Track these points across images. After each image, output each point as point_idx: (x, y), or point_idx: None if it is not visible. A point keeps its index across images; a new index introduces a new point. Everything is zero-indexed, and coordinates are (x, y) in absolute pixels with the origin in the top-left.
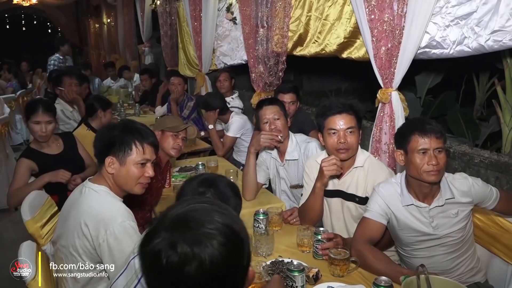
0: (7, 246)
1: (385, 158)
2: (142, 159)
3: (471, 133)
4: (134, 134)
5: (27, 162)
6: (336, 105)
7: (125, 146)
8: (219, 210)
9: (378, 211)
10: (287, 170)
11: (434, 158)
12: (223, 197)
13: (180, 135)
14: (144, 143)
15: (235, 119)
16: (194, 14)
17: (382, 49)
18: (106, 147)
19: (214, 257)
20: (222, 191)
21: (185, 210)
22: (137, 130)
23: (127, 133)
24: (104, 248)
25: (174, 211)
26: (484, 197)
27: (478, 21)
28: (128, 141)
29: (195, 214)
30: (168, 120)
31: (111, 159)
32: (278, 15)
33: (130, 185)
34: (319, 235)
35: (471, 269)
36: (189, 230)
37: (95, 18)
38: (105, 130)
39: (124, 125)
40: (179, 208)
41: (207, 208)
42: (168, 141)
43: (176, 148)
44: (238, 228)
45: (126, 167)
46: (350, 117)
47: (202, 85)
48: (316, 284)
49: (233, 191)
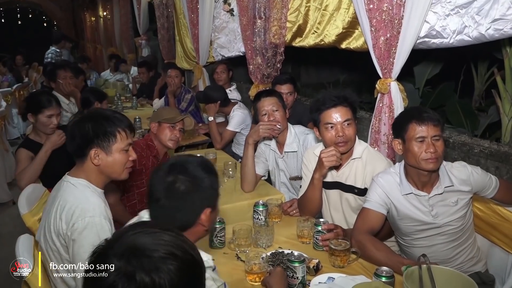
0: (6, 241)
1: (384, 149)
2: (126, 145)
3: (470, 123)
4: (115, 122)
5: (26, 152)
6: (330, 99)
7: (109, 135)
8: (165, 231)
9: (377, 201)
10: (286, 162)
11: (432, 145)
12: (195, 181)
13: (177, 127)
14: (125, 128)
15: (236, 112)
16: (191, 6)
17: (381, 39)
18: (88, 140)
19: (173, 281)
20: (193, 175)
21: (133, 238)
22: (114, 117)
23: (107, 122)
24: (69, 244)
25: (123, 240)
26: (483, 186)
27: (478, 9)
28: (112, 130)
29: (145, 240)
30: (165, 111)
31: (95, 150)
32: (276, 6)
33: (118, 172)
34: (319, 226)
35: (471, 258)
36: (144, 257)
37: (91, 11)
38: (80, 124)
39: (98, 114)
40: (127, 236)
41: (154, 231)
42: (165, 132)
43: (174, 140)
44: (187, 246)
45: (113, 155)
46: (346, 109)
47: (200, 78)
48: (317, 275)
49: (205, 170)
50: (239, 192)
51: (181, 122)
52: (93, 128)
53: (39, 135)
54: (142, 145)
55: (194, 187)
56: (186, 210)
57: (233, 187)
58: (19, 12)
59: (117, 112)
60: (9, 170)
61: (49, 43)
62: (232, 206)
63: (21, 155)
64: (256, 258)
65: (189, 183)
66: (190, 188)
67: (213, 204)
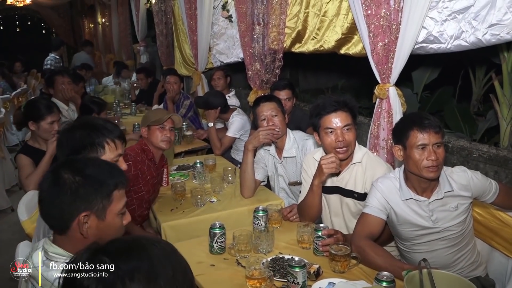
0: (4, 248)
1: (383, 154)
2: (116, 156)
3: (468, 128)
4: (103, 132)
5: (26, 158)
6: (330, 104)
7: (97, 146)
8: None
9: (377, 206)
10: (285, 167)
11: (433, 153)
12: (80, 177)
13: (166, 126)
14: (114, 139)
15: (236, 119)
16: (189, 12)
17: (379, 45)
18: (75, 150)
19: None
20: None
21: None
22: (103, 127)
23: (96, 133)
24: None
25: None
26: (483, 190)
27: (475, 15)
28: (100, 141)
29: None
30: (151, 114)
31: None
32: (275, 12)
33: None
34: (319, 232)
35: (471, 263)
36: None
37: (90, 18)
38: (68, 133)
39: (88, 124)
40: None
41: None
42: (156, 135)
43: (165, 140)
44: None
45: None
46: (346, 115)
47: (199, 84)
48: (317, 280)
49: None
50: (238, 197)
51: (170, 121)
52: (81, 139)
53: (38, 141)
54: (136, 150)
55: (74, 184)
56: (58, 207)
57: (233, 192)
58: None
59: (109, 122)
60: (7, 177)
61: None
62: (232, 212)
63: (23, 161)
64: (256, 263)
65: (71, 179)
66: (69, 184)
67: (95, 209)
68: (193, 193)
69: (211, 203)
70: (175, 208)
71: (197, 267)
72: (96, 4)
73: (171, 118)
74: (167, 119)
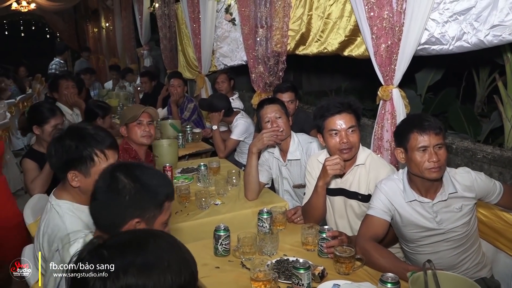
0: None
1: (387, 155)
2: (107, 166)
3: (472, 129)
4: (91, 143)
5: (31, 162)
6: (334, 105)
7: (86, 159)
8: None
9: (381, 208)
10: (289, 170)
11: (435, 154)
12: (137, 184)
13: (144, 121)
14: (104, 150)
15: (239, 121)
16: (192, 16)
17: (382, 46)
18: (64, 163)
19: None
20: (137, 178)
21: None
22: (92, 137)
23: (84, 145)
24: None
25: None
26: (487, 191)
27: (477, 16)
28: (88, 153)
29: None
30: (127, 111)
31: (73, 173)
32: (278, 15)
33: None
34: (324, 233)
35: (476, 264)
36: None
37: (94, 23)
38: (57, 144)
39: (76, 135)
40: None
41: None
42: (135, 131)
43: (145, 135)
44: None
45: (92, 177)
46: (350, 116)
47: (202, 87)
48: (322, 282)
49: (158, 179)
50: (243, 200)
51: (146, 115)
52: (68, 151)
53: (43, 145)
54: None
55: (133, 190)
56: (112, 210)
57: (237, 195)
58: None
59: (101, 130)
60: (12, 181)
61: (52, 54)
62: (236, 214)
63: (28, 165)
64: (261, 265)
65: (130, 184)
66: (128, 189)
67: (146, 217)
68: (198, 196)
69: (215, 206)
70: (180, 211)
71: (202, 269)
72: (99, 8)
73: (146, 112)
74: (141, 114)
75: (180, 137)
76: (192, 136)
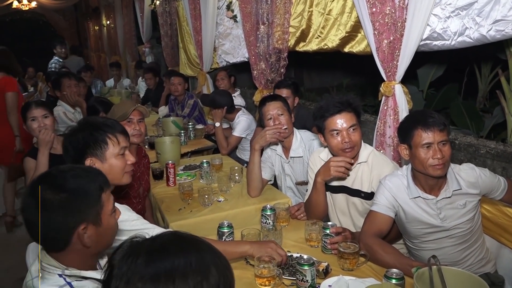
0: (14, 249)
1: (389, 151)
2: (120, 149)
3: (474, 124)
4: (104, 128)
5: (32, 161)
6: (333, 105)
7: (100, 143)
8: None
9: (385, 204)
10: (292, 167)
11: (439, 151)
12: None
13: (134, 119)
14: (116, 134)
15: (241, 118)
16: (194, 13)
17: (384, 42)
18: (80, 151)
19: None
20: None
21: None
22: (104, 124)
23: (97, 130)
24: None
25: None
26: (492, 188)
27: (479, 11)
28: (101, 137)
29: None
30: (116, 109)
31: (90, 160)
32: (279, 12)
33: (118, 178)
34: (328, 230)
35: (480, 260)
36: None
37: (95, 20)
38: (71, 135)
39: (89, 123)
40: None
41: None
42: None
43: (135, 134)
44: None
45: (108, 162)
46: (350, 115)
47: (204, 84)
48: (326, 278)
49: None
50: (245, 196)
51: (137, 112)
52: (83, 138)
53: None
54: None
55: (62, 202)
56: (53, 228)
57: (240, 192)
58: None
59: (109, 119)
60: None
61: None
62: (240, 211)
63: (28, 164)
64: (265, 262)
65: (56, 197)
66: (57, 202)
67: (90, 218)
68: (201, 193)
69: (218, 203)
70: (183, 207)
71: None
72: (100, 6)
73: (137, 109)
74: (131, 112)
75: (182, 134)
76: (195, 133)
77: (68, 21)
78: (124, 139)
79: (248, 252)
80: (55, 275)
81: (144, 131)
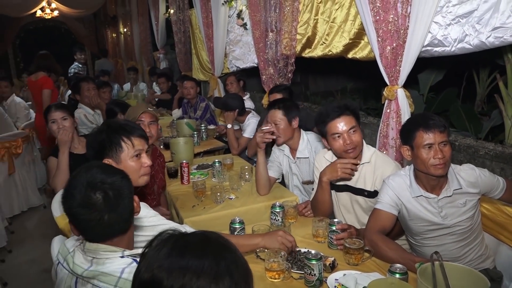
0: (38, 242)
1: (392, 152)
2: (135, 152)
3: (473, 127)
4: (119, 132)
5: (55, 160)
6: (333, 110)
7: (115, 145)
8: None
9: (389, 202)
10: (299, 166)
11: (440, 151)
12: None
13: (145, 122)
14: (131, 137)
15: (251, 120)
16: (206, 21)
17: (387, 49)
18: (98, 152)
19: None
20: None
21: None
22: (121, 127)
23: (113, 133)
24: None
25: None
26: (491, 187)
27: (479, 19)
28: (116, 140)
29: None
30: (130, 112)
31: (107, 160)
32: (287, 20)
33: (134, 179)
34: (334, 226)
35: (479, 256)
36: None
37: (113, 28)
38: (93, 136)
39: (108, 126)
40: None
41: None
42: None
43: (148, 136)
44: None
45: (123, 164)
46: (349, 118)
47: (215, 88)
48: (333, 272)
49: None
50: (255, 194)
51: (148, 115)
52: (100, 140)
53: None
54: None
55: (111, 193)
56: (121, 215)
57: (250, 190)
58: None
59: (129, 122)
60: (39, 176)
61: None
62: (250, 208)
63: (50, 164)
64: (275, 256)
65: (108, 192)
66: (110, 196)
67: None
68: (213, 191)
69: (230, 200)
70: (197, 204)
71: None
72: (118, 15)
73: (148, 112)
74: (140, 115)
75: (195, 135)
76: (207, 133)
77: (88, 29)
78: (141, 142)
79: (260, 244)
80: (117, 258)
81: (156, 133)
